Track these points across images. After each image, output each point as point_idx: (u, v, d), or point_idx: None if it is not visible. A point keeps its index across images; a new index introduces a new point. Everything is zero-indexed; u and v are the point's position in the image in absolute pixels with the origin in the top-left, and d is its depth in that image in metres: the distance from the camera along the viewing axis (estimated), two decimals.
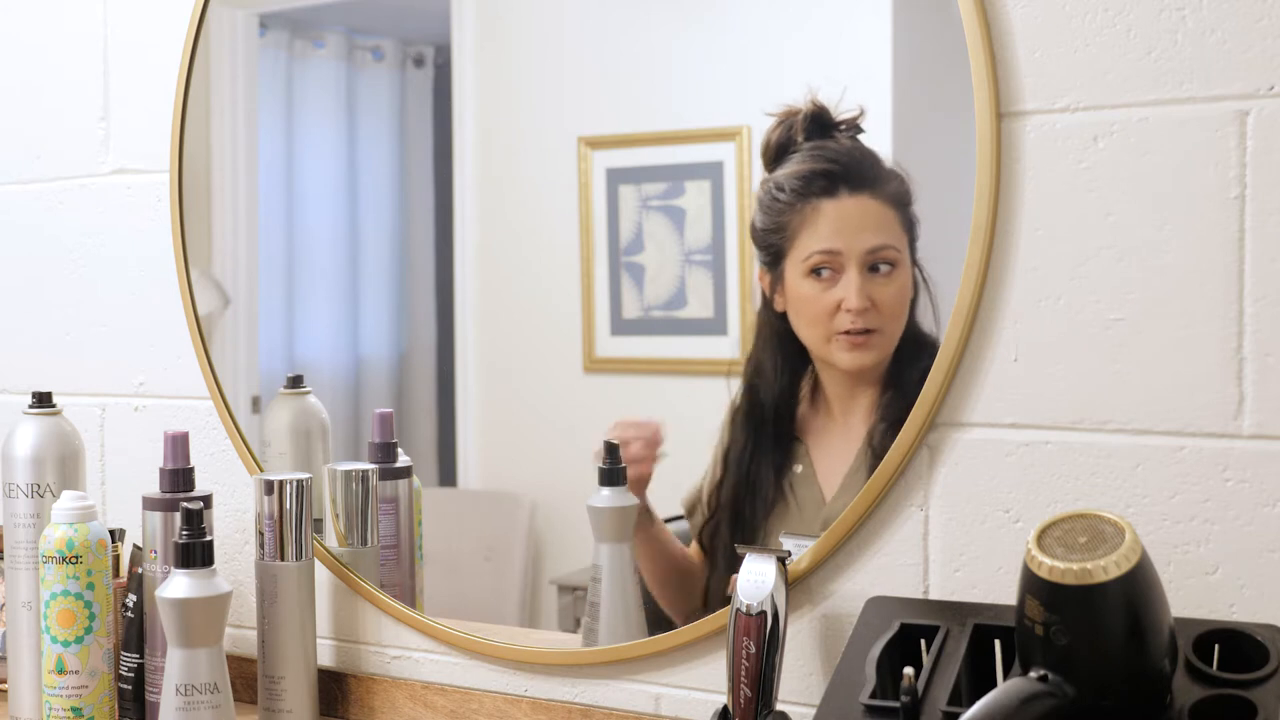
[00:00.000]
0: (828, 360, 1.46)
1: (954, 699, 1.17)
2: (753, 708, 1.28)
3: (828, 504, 1.44)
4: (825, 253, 1.43)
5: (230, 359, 1.85)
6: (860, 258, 1.42)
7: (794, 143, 1.45)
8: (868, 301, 1.42)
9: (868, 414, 1.43)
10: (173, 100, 1.80)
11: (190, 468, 1.62)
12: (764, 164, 1.47)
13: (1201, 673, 1.13)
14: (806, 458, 1.48)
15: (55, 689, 1.58)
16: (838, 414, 1.47)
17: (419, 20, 1.87)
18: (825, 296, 1.44)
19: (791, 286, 1.46)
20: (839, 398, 1.46)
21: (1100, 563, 1.03)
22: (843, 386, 1.46)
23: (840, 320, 1.43)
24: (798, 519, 1.47)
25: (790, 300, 1.47)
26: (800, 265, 1.45)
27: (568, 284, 1.70)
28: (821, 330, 1.45)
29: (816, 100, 1.44)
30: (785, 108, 1.46)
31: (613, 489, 1.55)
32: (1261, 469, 1.21)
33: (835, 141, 1.44)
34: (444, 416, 1.84)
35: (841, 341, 1.44)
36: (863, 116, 1.42)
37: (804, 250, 1.45)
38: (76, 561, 1.57)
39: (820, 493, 1.46)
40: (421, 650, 1.65)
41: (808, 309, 1.46)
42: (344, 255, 1.91)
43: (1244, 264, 1.21)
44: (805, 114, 1.45)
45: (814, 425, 1.49)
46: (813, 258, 1.44)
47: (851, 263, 1.42)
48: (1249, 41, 1.20)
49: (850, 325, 1.43)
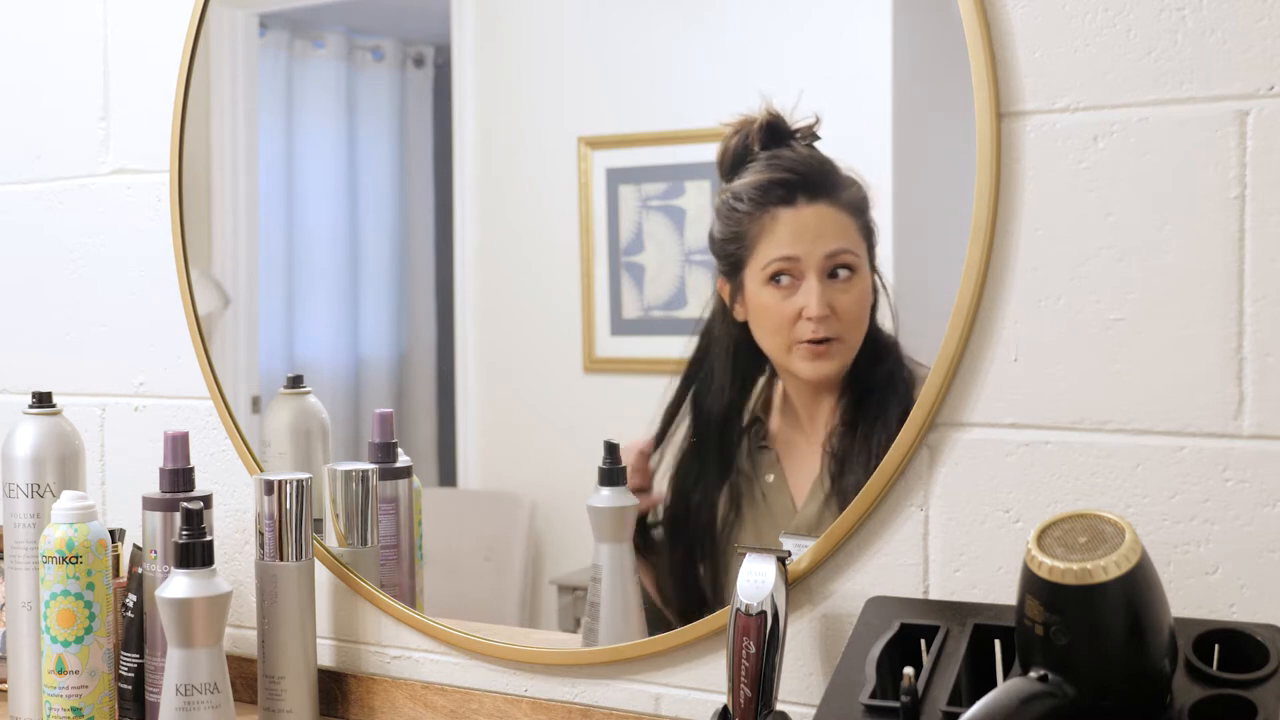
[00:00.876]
0: (789, 369, 1.46)
1: (954, 699, 1.17)
2: (753, 708, 1.28)
3: (799, 512, 1.45)
4: (784, 259, 1.44)
5: (230, 359, 1.85)
6: (819, 263, 1.43)
7: (750, 152, 1.46)
8: (828, 309, 1.42)
9: (828, 419, 1.44)
10: (173, 100, 1.80)
11: (190, 468, 1.62)
12: (720, 174, 1.48)
13: (1201, 673, 1.13)
14: (777, 466, 1.49)
15: (55, 689, 1.58)
16: (804, 421, 1.47)
17: (419, 20, 1.87)
18: (785, 304, 1.44)
19: (751, 295, 1.47)
20: (804, 405, 1.47)
21: (1100, 563, 1.03)
22: (806, 394, 1.47)
23: (801, 329, 1.44)
24: (770, 527, 1.48)
25: (751, 309, 1.48)
26: (760, 273, 1.45)
27: (568, 284, 1.70)
28: (783, 339, 1.46)
29: (772, 109, 1.45)
30: (741, 117, 1.47)
31: (613, 489, 1.55)
32: (1261, 469, 1.21)
33: (791, 150, 1.45)
34: (444, 416, 1.84)
35: (802, 350, 1.44)
36: (818, 124, 1.43)
37: (763, 258, 1.45)
38: (76, 561, 1.57)
39: (792, 501, 1.46)
40: (421, 650, 1.65)
41: (768, 318, 1.46)
42: (344, 255, 1.91)
43: (1244, 264, 1.21)
44: (761, 123, 1.45)
45: (783, 434, 1.49)
46: (772, 265, 1.45)
47: (810, 269, 1.43)
48: (1249, 41, 1.20)
49: (811, 334, 1.43)
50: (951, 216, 1.36)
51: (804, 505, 1.45)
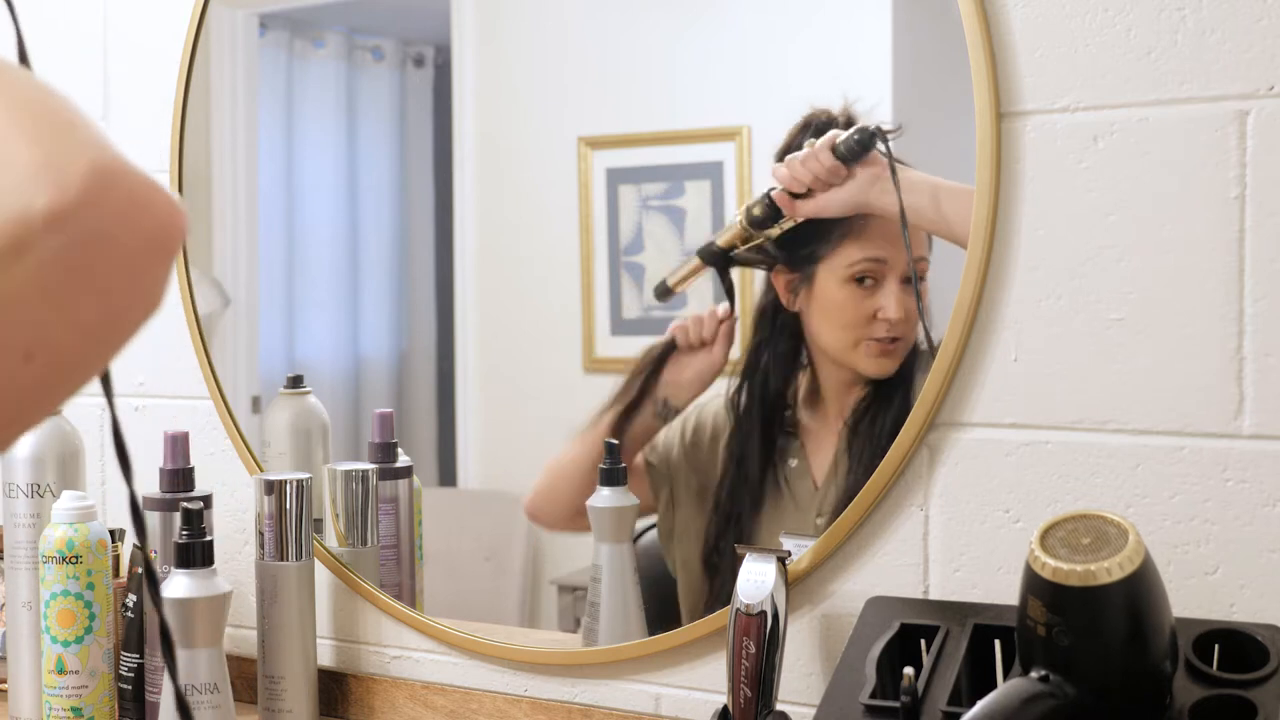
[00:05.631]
0: (849, 364, 1.47)
1: (954, 699, 1.17)
2: (753, 708, 1.28)
3: (819, 490, 1.47)
4: (873, 260, 1.44)
5: (230, 359, 1.85)
6: (903, 269, 1.43)
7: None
8: (904, 312, 1.43)
9: (852, 406, 1.46)
10: (173, 100, 1.80)
11: (190, 468, 1.62)
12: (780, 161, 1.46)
13: (1201, 673, 1.13)
14: (801, 452, 1.49)
15: (55, 689, 1.58)
16: (832, 413, 1.48)
17: (419, 20, 1.87)
18: (864, 304, 1.45)
19: (825, 291, 1.47)
20: (836, 396, 1.48)
21: (1104, 564, 1.03)
22: (842, 385, 1.47)
23: (876, 328, 1.44)
24: (793, 512, 1.48)
25: (820, 303, 1.47)
26: (841, 271, 1.45)
27: (568, 284, 1.70)
28: (852, 335, 1.46)
29: (850, 110, 1.44)
30: (814, 108, 1.45)
31: (613, 489, 1.55)
32: (1261, 469, 1.21)
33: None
34: (444, 416, 1.84)
35: (871, 347, 1.45)
36: (899, 132, 1.41)
37: (848, 257, 1.45)
38: (76, 561, 1.57)
39: (814, 485, 1.47)
40: (421, 650, 1.65)
41: (842, 314, 1.47)
42: (344, 255, 1.91)
43: (1244, 264, 1.21)
44: (844, 122, 1.44)
45: (809, 422, 1.50)
46: (858, 265, 1.44)
47: (894, 273, 1.43)
48: (1249, 41, 1.20)
49: (885, 333, 1.44)
50: None
51: (823, 487, 1.46)
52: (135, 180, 0.63)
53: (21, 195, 0.60)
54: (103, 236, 0.62)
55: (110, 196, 0.62)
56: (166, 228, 0.64)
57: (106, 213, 0.62)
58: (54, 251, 0.60)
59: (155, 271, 0.65)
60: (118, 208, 0.62)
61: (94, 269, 0.62)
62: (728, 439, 1.53)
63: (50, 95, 0.65)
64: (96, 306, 0.63)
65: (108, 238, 0.62)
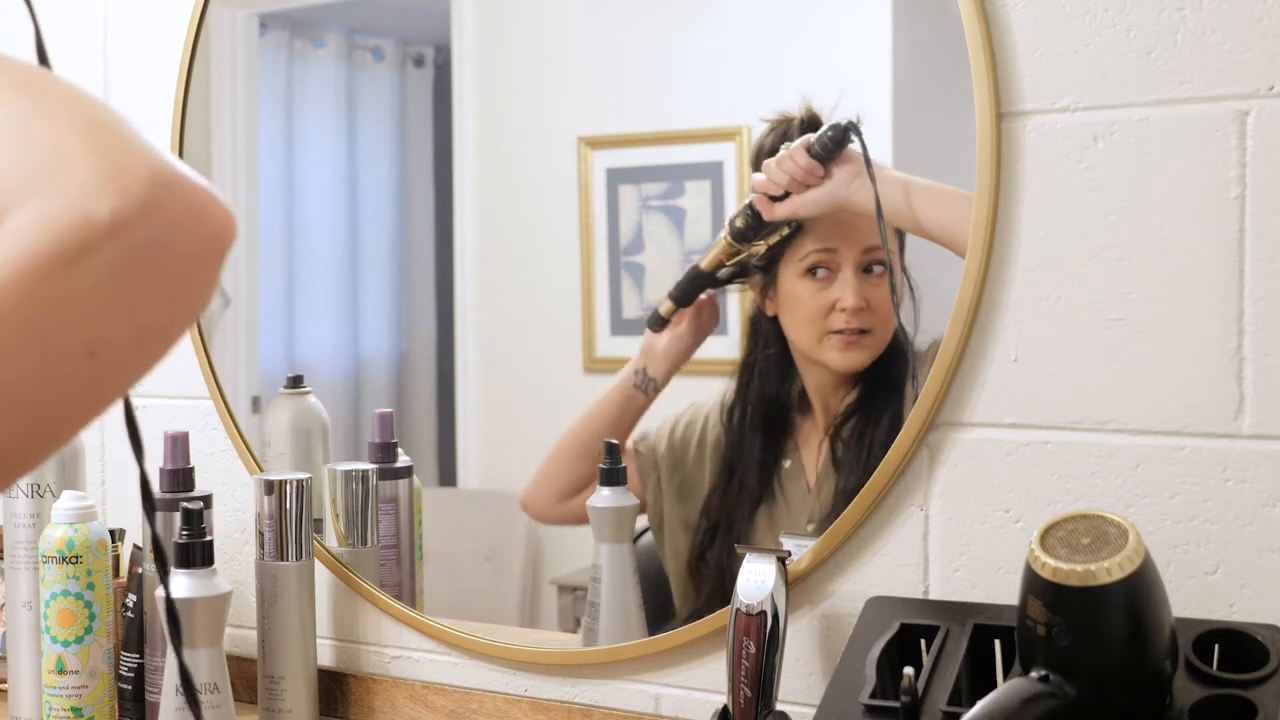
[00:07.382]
0: (818, 359, 1.48)
1: (954, 699, 1.17)
2: (753, 708, 1.28)
3: (811, 492, 1.48)
4: (823, 251, 1.45)
5: (230, 359, 1.85)
6: (856, 257, 1.44)
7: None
8: (863, 301, 1.44)
9: (840, 409, 1.47)
10: (173, 100, 1.79)
11: (190, 468, 1.62)
12: (755, 169, 1.48)
13: (1201, 673, 1.13)
14: (795, 454, 1.50)
15: (55, 689, 1.58)
16: (819, 413, 1.49)
17: (419, 20, 1.87)
18: (821, 296, 1.46)
19: (786, 288, 1.48)
20: (820, 396, 1.48)
21: (1104, 564, 1.03)
22: (826, 385, 1.48)
23: (834, 319, 1.45)
24: (785, 514, 1.49)
25: (783, 301, 1.49)
26: (797, 265, 1.46)
27: (568, 284, 1.70)
28: (815, 329, 1.47)
29: (811, 108, 1.45)
30: (780, 114, 1.47)
31: (613, 489, 1.55)
32: (1261, 469, 1.21)
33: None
34: (444, 416, 1.84)
35: (835, 340, 1.46)
36: (860, 123, 1.42)
37: (801, 250, 1.46)
38: (76, 561, 1.57)
39: (807, 486, 1.48)
40: (421, 650, 1.65)
41: (801, 308, 1.47)
42: (344, 255, 1.91)
43: (1244, 264, 1.21)
44: (800, 120, 1.45)
45: (801, 424, 1.51)
46: (810, 257, 1.45)
47: (848, 262, 1.44)
48: (1249, 41, 1.20)
49: (845, 324, 1.44)
50: None
51: (815, 488, 1.47)
52: (192, 189, 0.67)
53: (87, 202, 0.64)
54: (162, 243, 0.66)
55: (170, 205, 0.66)
56: (219, 234, 0.68)
57: (166, 220, 0.66)
58: (117, 255, 0.64)
59: (208, 274, 0.69)
60: (176, 216, 0.66)
61: (153, 272, 0.66)
62: (718, 444, 1.54)
63: (103, 107, 0.71)
64: (154, 307, 0.67)
65: (167, 244, 0.66)
